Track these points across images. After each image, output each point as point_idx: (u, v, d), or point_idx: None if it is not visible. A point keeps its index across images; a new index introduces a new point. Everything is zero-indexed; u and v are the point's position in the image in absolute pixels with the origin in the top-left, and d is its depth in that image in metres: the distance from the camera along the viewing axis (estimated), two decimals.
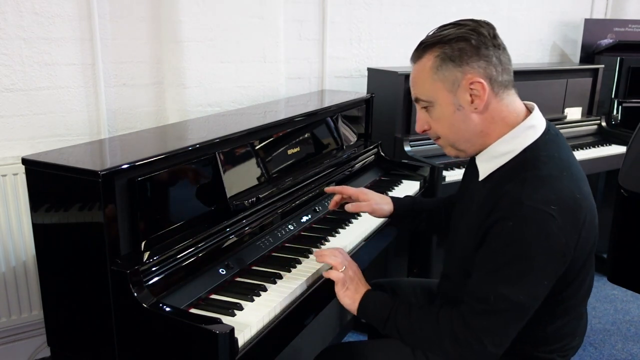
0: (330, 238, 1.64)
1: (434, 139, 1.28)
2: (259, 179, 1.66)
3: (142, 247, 1.25)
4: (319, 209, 1.81)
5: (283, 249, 1.56)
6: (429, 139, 2.56)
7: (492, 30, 1.17)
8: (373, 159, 2.30)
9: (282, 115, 1.92)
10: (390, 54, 2.98)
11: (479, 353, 1.12)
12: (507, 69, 1.17)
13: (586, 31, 3.50)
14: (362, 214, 1.78)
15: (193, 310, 1.22)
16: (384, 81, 2.63)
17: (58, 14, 2.00)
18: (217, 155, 1.48)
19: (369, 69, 2.77)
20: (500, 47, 1.16)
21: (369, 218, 1.73)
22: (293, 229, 1.66)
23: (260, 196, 1.57)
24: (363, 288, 1.32)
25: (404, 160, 2.39)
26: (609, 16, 3.83)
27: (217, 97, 2.29)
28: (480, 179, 1.23)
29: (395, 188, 2.14)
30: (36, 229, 1.30)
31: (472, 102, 1.15)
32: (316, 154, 1.97)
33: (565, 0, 3.63)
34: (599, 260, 1.29)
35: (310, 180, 1.83)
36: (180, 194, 1.38)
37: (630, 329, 2.63)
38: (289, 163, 1.81)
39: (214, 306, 1.25)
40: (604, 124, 3.26)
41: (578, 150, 2.98)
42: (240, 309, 1.24)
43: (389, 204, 1.58)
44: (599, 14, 3.82)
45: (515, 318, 1.11)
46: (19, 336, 2.09)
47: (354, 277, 1.33)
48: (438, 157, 2.55)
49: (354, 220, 1.78)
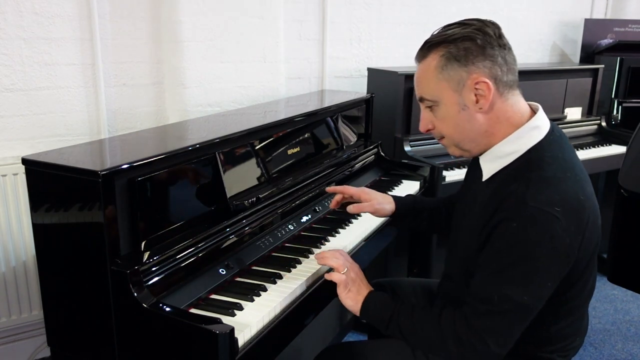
0: (330, 238, 1.64)
1: (438, 139, 1.27)
2: (259, 179, 1.66)
3: (142, 247, 1.25)
4: (319, 209, 1.81)
5: (283, 249, 1.56)
6: (429, 139, 2.58)
7: (498, 29, 1.17)
8: (373, 159, 2.30)
9: (282, 115, 1.92)
10: (390, 54, 2.98)
11: (482, 354, 1.11)
12: (513, 69, 1.17)
13: (586, 31, 3.50)
14: (362, 213, 1.78)
15: (193, 310, 1.22)
16: (384, 81, 2.63)
17: (58, 14, 2.00)
18: (217, 155, 1.48)
19: (369, 69, 2.77)
20: (505, 47, 1.16)
21: (368, 218, 1.73)
22: (293, 229, 1.66)
23: (260, 196, 1.57)
24: (365, 289, 1.32)
25: (404, 160, 2.39)
26: (609, 16, 3.84)
27: (217, 97, 2.29)
28: (484, 179, 1.22)
29: (395, 188, 2.14)
30: (36, 229, 1.30)
31: (477, 102, 1.15)
32: (316, 154, 1.97)
33: (565, 0, 3.63)
34: (599, 260, 1.29)
35: (310, 180, 1.83)
36: (180, 194, 1.38)
37: (630, 329, 2.63)
38: (289, 163, 1.81)
39: (214, 306, 1.25)
40: (604, 124, 3.26)
41: (578, 150, 2.98)
42: (240, 309, 1.24)
43: (391, 204, 1.58)
44: (599, 14, 3.82)
45: (519, 319, 1.11)
46: (19, 336, 2.09)
47: (355, 279, 1.33)
48: (438, 157, 2.55)
49: (354, 220, 1.78)
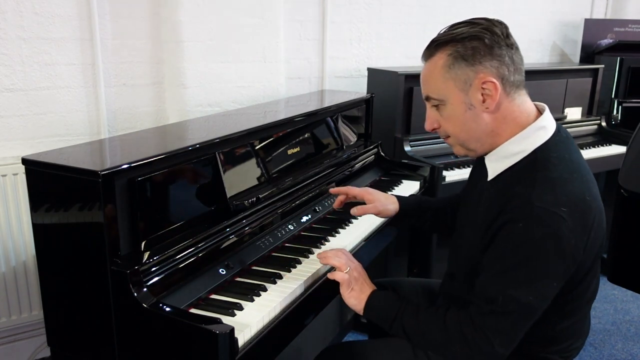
0: (330, 238, 1.64)
1: (444, 138, 1.27)
2: (259, 179, 1.66)
3: (142, 247, 1.25)
4: (319, 209, 1.81)
5: (283, 249, 1.56)
6: (428, 139, 2.59)
7: (506, 29, 1.16)
8: (373, 159, 2.30)
9: (282, 115, 1.92)
10: (390, 54, 2.98)
11: (487, 354, 1.11)
12: (519, 68, 1.16)
13: (586, 31, 3.50)
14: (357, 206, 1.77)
15: (193, 310, 1.22)
16: (384, 81, 2.63)
17: (58, 14, 2.00)
18: (217, 155, 1.48)
19: (369, 69, 2.77)
20: (513, 47, 1.16)
21: (369, 218, 1.72)
22: (293, 229, 1.66)
23: (260, 196, 1.57)
24: (368, 288, 1.31)
25: (404, 160, 2.39)
26: (609, 16, 3.84)
27: (217, 97, 2.29)
28: (489, 179, 1.22)
29: (395, 188, 2.14)
30: (36, 229, 1.30)
31: (484, 102, 1.15)
32: (316, 154, 1.97)
33: (565, 0, 3.63)
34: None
35: (310, 180, 1.83)
36: (180, 194, 1.38)
37: (630, 329, 2.63)
38: (289, 163, 1.81)
39: (214, 306, 1.25)
40: (604, 124, 3.26)
41: None
42: (240, 309, 1.24)
43: (395, 204, 1.57)
44: (599, 14, 3.82)
45: (524, 319, 1.11)
46: (19, 336, 2.09)
47: (358, 278, 1.32)
48: (438, 157, 2.55)
49: (354, 220, 1.77)
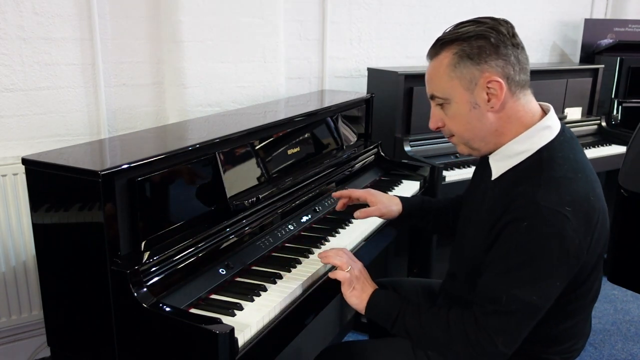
0: (330, 238, 1.64)
1: (448, 137, 1.27)
2: (259, 179, 1.66)
3: (142, 247, 1.25)
4: (319, 209, 1.81)
5: (283, 249, 1.56)
6: (429, 139, 2.59)
7: (512, 28, 1.16)
8: (373, 159, 2.30)
9: (282, 115, 1.92)
10: (390, 54, 2.98)
11: (490, 354, 1.11)
12: (525, 68, 1.16)
13: (586, 31, 3.50)
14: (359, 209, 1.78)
15: (193, 310, 1.22)
16: (384, 81, 2.63)
17: (58, 14, 2.00)
18: (217, 155, 1.48)
19: (369, 69, 2.77)
20: (519, 47, 1.15)
21: (369, 218, 1.72)
22: (293, 229, 1.66)
23: (260, 196, 1.57)
24: (370, 287, 1.31)
25: (404, 160, 2.39)
26: (609, 16, 3.84)
27: (217, 97, 2.29)
28: (493, 178, 1.22)
29: (395, 188, 2.14)
30: (36, 229, 1.30)
31: (489, 101, 1.14)
32: (316, 154, 1.97)
33: (565, 0, 3.63)
34: None
35: (310, 180, 1.83)
36: (180, 194, 1.38)
37: (630, 329, 2.63)
38: (289, 163, 1.81)
39: (214, 306, 1.25)
40: (604, 124, 3.26)
41: None
42: (240, 309, 1.24)
43: (398, 205, 1.57)
44: (599, 14, 3.82)
45: (528, 318, 1.10)
46: (19, 336, 2.09)
47: (360, 277, 1.32)
48: (438, 157, 2.56)
49: (354, 220, 1.77)
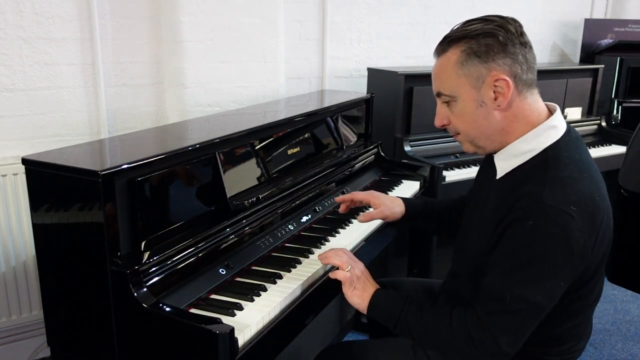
0: (330, 238, 1.64)
1: (453, 135, 1.26)
2: (259, 179, 1.66)
3: (142, 247, 1.25)
4: (319, 209, 1.81)
5: (283, 249, 1.56)
6: (429, 139, 2.59)
7: (520, 27, 1.16)
8: (373, 159, 2.30)
9: (282, 115, 1.92)
10: (390, 54, 2.98)
11: (493, 353, 1.11)
12: (532, 67, 1.16)
13: (586, 31, 3.50)
14: (362, 213, 1.78)
15: (193, 310, 1.22)
16: (384, 81, 2.63)
17: (58, 14, 2.00)
18: (217, 155, 1.48)
19: (369, 69, 2.77)
20: (527, 45, 1.15)
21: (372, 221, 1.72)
22: (293, 229, 1.66)
23: (260, 196, 1.57)
24: (371, 287, 1.31)
25: (404, 160, 2.39)
26: (609, 16, 3.84)
27: (217, 97, 2.29)
28: (498, 177, 1.21)
29: (395, 188, 2.14)
30: (36, 229, 1.30)
31: (496, 100, 1.14)
32: (316, 154, 1.97)
33: (565, 0, 3.63)
34: None
35: (310, 180, 1.83)
36: (180, 194, 1.38)
37: (630, 329, 2.62)
38: (289, 163, 1.81)
39: (214, 306, 1.25)
40: (604, 124, 3.26)
41: None
42: (240, 309, 1.24)
43: (400, 206, 1.57)
44: (599, 14, 3.82)
45: (532, 318, 1.10)
46: (19, 336, 2.09)
47: (360, 276, 1.31)
48: (438, 157, 2.56)
49: (353, 220, 1.77)
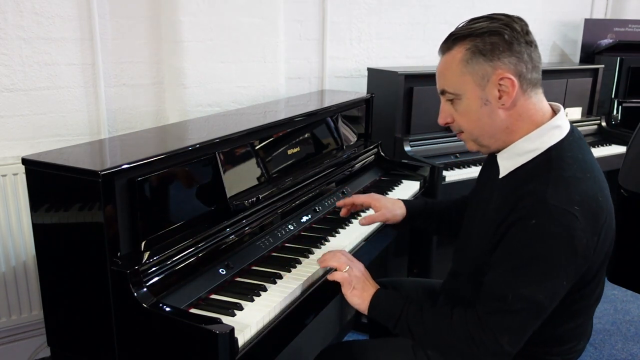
0: (330, 238, 1.64)
1: (457, 133, 1.26)
2: (259, 179, 1.66)
3: (142, 247, 1.25)
4: (319, 209, 1.81)
5: (283, 249, 1.56)
6: (429, 139, 2.59)
7: (525, 26, 1.16)
8: (373, 159, 2.30)
9: (282, 115, 1.92)
10: (390, 54, 2.98)
11: (495, 353, 1.10)
12: (537, 67, 1.16)
13: (586, 31, 3.50)
14: (363, 213, 1.78)
15: (193, 310, 1.22)
16: (384, 81, 2.63)
17: (58, 14, 2.00)
18: (217, 155, 1.48)
19: (369, 69, 2.77)
20: (532, 44, 1.15)
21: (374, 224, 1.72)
22: (293, 229, 1.66)
23: (260, 196, 1.57)
24: (371, 287, 1.30)
25: (404, 160, 2.39)
26: (609, 16, 3.84)
27: (217, 97, 2.29)
28: (501, 177, 1.21)
29: (395, 188, 2.14)
30: (36, 229, 1.30)
31: (500, 98, 1.14)
32: (316, 154, 1.97)
33: (565, 0, 3.63)
34: None
35: (310, 180, 1.83)
36: (180, 194, 1.38)
37: (630, 329, 2.62)
38: (289, 163, 1.81)
39: (214, 306, 1.25)
40: (604, 124, 3.26)
41: None
42: (240, 309, 1.24)
43: (402, 208, 1.57)
44: (599, 14, 3.82)
45: (533, 317, 1.10)
46: (19, 336, 2.09)
47: (360, 276, 1.31)
48: (438, 157, 2.56)
49: (354, 220, 1.77)
